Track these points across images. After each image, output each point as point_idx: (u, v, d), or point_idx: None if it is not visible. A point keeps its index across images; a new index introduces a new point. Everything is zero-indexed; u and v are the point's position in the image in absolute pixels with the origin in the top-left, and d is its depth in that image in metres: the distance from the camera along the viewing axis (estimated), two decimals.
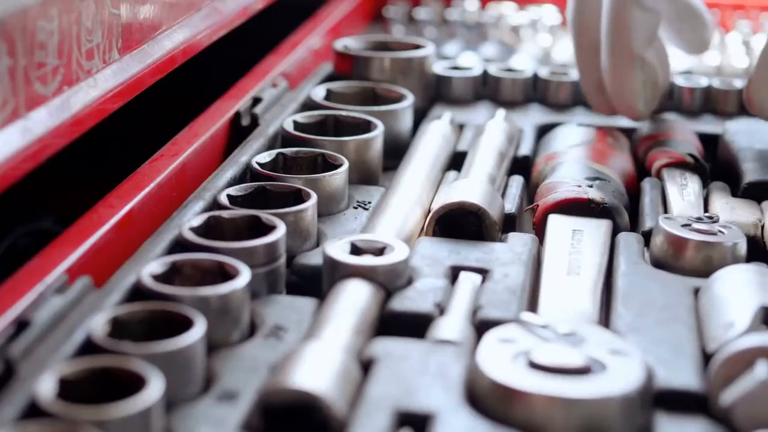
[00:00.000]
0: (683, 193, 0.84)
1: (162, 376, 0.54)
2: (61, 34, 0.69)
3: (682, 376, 0.61)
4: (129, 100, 0.80)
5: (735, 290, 0.67)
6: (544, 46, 1.24)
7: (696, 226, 0.74)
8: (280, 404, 0.57)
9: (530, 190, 0.88)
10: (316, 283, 0.71)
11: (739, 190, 0.85)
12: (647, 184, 0.87)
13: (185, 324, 0.59)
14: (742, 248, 0.74)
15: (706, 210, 0.82)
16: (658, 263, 0.74)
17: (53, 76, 0.69)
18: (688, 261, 0.73)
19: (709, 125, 1.00)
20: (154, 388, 0.53)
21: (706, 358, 0.63)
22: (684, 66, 1.17)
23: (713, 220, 0.75)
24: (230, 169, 0.80)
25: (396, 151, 0.91)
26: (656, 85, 0.92)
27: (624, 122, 1.00)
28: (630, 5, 0.87)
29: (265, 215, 0.71)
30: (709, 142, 0.96)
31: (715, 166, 0.92)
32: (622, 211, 0.80)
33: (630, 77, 0.90)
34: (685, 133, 0.94)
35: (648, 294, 0.70)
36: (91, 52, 0.74)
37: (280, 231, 0.69)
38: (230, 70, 1.02)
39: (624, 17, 0.88)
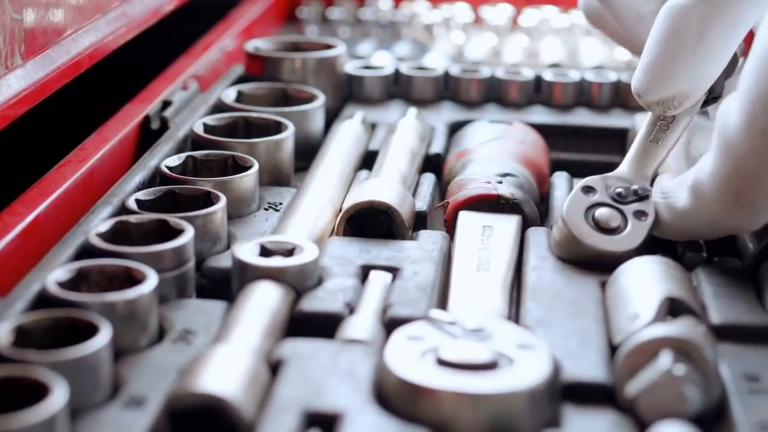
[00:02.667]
0: None
1: (67, 384, 0.54)
2: None
3: (589, 368, 0.62)
4: (34, 105, 0.79)
5: (640, 282, 0.68)
6: (458, 44, 1.25)
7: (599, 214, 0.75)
8: (187, 408, 0.57)
9: (442, 188, 0.88)
10: (226, 286, 0.71)
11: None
12: (557, 179, 0.88)
13: (90, 330, 0.59)
14: None
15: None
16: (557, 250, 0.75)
17: None
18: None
19: (619, 119, 1.01)
20: (58, 396, 0.53)
21: (613, 350, 0.64)
22: (594, 61, 1.18)
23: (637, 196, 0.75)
24: (139, 174, 0.80)
25: (308, 152, 0.91)
26: None
27: (536, 117, 1.01)
28: None
29: (173, 219, 0.71)
30: (619, 136, 0.98)
31: (622, 157, 0.93)
32: (532, 207, 0.81)
33: None
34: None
35: (556, 288, 0.71)
36: None
37: (188, 235, 0.69)
38: (141, 73, 1.01)
39: None
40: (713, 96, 0.76)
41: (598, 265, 0.73)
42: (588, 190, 0.75)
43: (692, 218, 0.70)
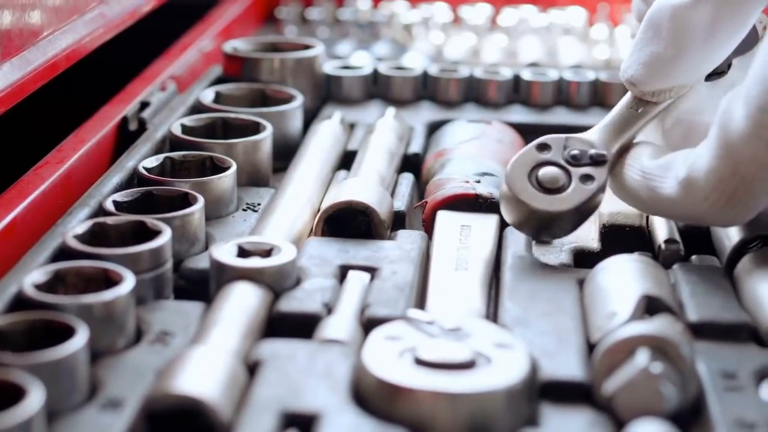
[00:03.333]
0: None
1: (43, 386, 0.54)
2: None
3: (567, 367, 0.62)
4: (10, 107, 0.78)
5: (618, 280, 0.68)
6: (437, 44, 1.25)
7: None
8: (165, 410, 0.56)
9: (421, 188, 0.88)
10: (204, 287, 0.70)
11: None
12: None
13: (67, 333, 0.59)
14: None
15: None
16: None
17: None
18: None
19: (597, 118, 1.00)
20: (35, 398, 0.53)
21: (591, 348, 0.64)
22: (572, 60, 1.18)
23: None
24: (116, 175, 0.80)
25: (286, 152, 0.91)
26: None
27: (514, 117, 1.01)
28: None
29: (150, 220, 0.71)
30: None
31: None
32: None
33: None
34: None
35: (534, 287, 0.71)
36: None
37: (166, 236, 0.69)
38: (119, 74, 1.01)
39: None
40: (717, 72, 0.75)
41: (537, 231, 0.73)
42: (542, 147, 0.74)
43: (676, 207, 0.69)
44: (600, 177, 0.73)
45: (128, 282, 0.63)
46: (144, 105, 0.93)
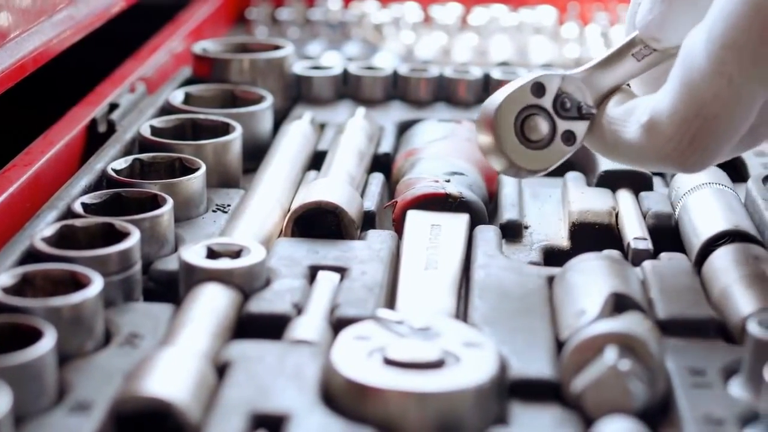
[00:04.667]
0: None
1: (10, 390, 0.53)
2: None
3: (536, 365, 0.62)
4: None
5: (587, 278, 0.68)
6: (407, 44, 1.25)
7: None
8: (133, 412, 0.56)
9: (391, 187, 0.88)
10: (173, 288, 0.70)
11: (595, 179, 0.86)
12: (505, 177, 0.88)
13: (35, 336, 0.58)
14: None
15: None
16: None
17: None
18: None
19: None
20: (2, 402, 0.52)
21: (560, 346, 0.64)
22: (543, 59, 1.18)
23: None
24: (85, 177, 0.79)
25: (256, 153, 0.91)
26: None
27: None
28: None
29: (119, 222, 0.70)
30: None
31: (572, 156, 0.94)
32: (480, 205, 0.81)
33: None
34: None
35: (504, 285, 0.71)
36: None
37: (134, 238, 0.69)
38: (88, 76, 1.01)
39: None
40: None
41: (509, 167, 0.72)
42: (538, 89, 0.72)
43: (638, 152, 0.68)
44: (580, 134, 0.72)
45: (96, 284, 0.63)
46: (113, 107, 0.93)
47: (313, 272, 0.72)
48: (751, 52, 0.62)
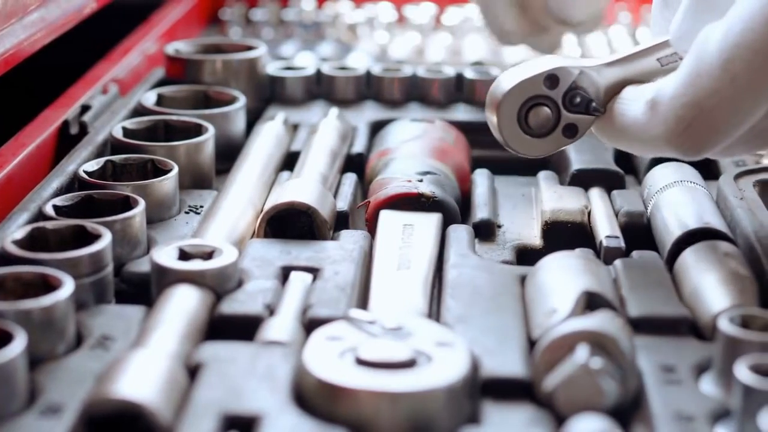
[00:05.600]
0: None
1: None
2: None
3: (508, 364, 0.62)
4: None
5: (559, 277, 0.68)
6: (381, 43, 1.25)
7: None
8: (104, 414, 0.56)
9: (364, 187, 0.88)
10: (145, 290, 0.70)
11: (567, 177, 0.87)
12: (478, 177, 0.88)
13: (5, 338, 0.58)
14: None
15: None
16: None
17: None
18: None
19: None
20: None
21: (532, 344, 0.64)
22: (516, 59, 1.18)
23: None
24: (57, 179, 0.79)
25: (229, 154, 0.90)
26: None
27: (458, 115, 1.01)
28: None
29: (90, 224, 0.70)
30: None
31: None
32: (453, 204, 0.81)
33: None
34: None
35: (476, 284, 0.71)
36: None
37: (105, 240, 0.69)
38: (60, 78, 1.01)
39: None
40: None
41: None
42: (552, 81, 0.72)
43: (638, 129, 0.69)
44: (582, 128, 0.73)
45: (67, 287, 0.63)
46: (85, 108, 0.93)
47: (285, 273, 0.72)
48: (763, 57, 0.62)
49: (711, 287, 0.68)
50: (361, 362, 0.59)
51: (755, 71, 0.62)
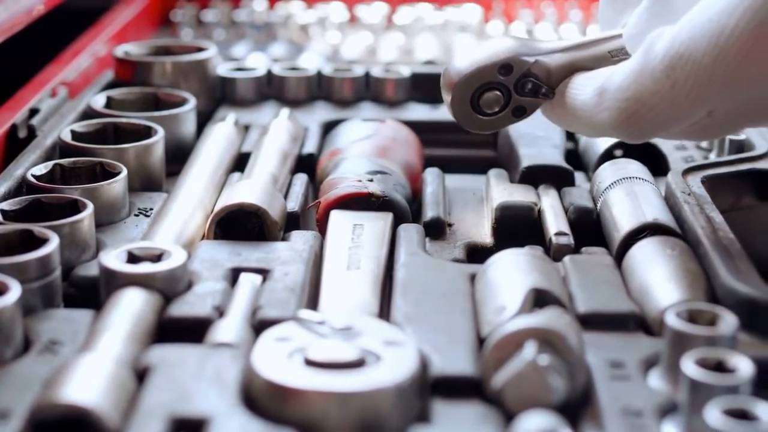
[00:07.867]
0: None
1: None
2: None
3: (457, 362, 0.62)
4: None
5: (508, 274, 0.68)
6: (333, 44, 1.25)
7: None
8: (52, 419, 0.56)
9: (315, 188, 0.88)
10: (95, 294, 0.70)
11: (517, 175, 0.87)
12: (429, 175, 0.88)
13: None
14: None
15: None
16: None
17: None
18: None
19: None
20: None
21: (481, 342, 0.64)
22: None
23: None
24: (4, 184, 0.79)
25: (180, 156, 0.90)
26: None
27: (410, 114, 1.01)
28: None
29: (37, 228, 0.70)
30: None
31: (495, 152, 0.95)
32: (403, 204, 0.81)
33: None
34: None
35: (426, 283, 0.71)
36: None
37: (53, 244, 0.68)
38: (8, 81, 1.00)
39: None
40: None
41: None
42: (506, 70, 0.74)
43: (586, 114, 0.71)
44: (530, 110, 0.76)
45: (14, 291, 0.63)
46: (33, 112, 0.92)
47: (235, 274, 0.72)
48: (703, 70, 0.64)
49: (659, 283, 0.69)
50: (309, 363, 0.59)
51: (694, 82, 0.65)
